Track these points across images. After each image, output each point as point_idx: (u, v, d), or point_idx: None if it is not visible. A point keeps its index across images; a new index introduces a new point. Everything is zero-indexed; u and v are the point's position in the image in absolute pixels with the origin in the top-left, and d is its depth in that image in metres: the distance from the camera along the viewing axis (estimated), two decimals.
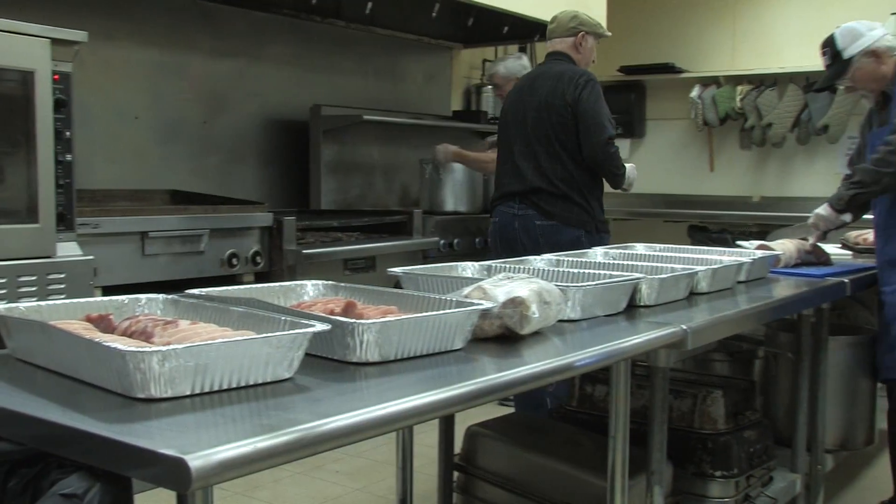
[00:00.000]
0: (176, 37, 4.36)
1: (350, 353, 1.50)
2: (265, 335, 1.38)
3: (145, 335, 1.43)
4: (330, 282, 1.95)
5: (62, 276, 2.81)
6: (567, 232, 3.51)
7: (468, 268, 2.29)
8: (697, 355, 3.17)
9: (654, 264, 2.50)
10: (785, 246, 3.17)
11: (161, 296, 1.72)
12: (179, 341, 1.34)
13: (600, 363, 1.74)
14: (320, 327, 1.43)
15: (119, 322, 1.53)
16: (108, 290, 2.80)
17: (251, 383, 1.35)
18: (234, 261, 3.64)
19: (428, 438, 2.95)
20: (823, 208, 3.13)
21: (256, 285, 1.98)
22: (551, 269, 2.26)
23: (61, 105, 2.80)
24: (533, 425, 2.81)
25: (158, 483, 1.03)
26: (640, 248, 2.98)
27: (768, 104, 6.61)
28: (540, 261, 2.53)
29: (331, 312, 1.65)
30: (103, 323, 1.54)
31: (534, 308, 1.72)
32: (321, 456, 3.74)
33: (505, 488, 2.53)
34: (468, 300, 1.71)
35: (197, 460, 1.00)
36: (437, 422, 2.67)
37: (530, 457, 2.53)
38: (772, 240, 3.34)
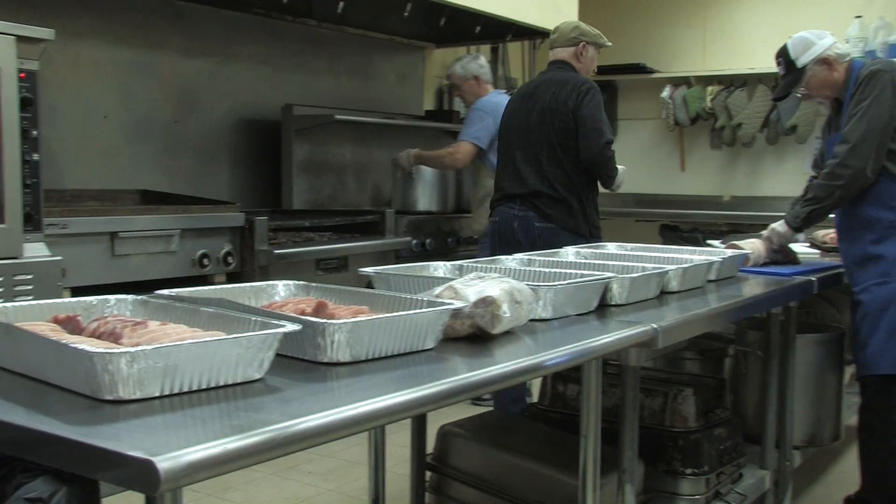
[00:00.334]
0: (146, 35, 4.32)
1: (321, 354, 1.50)
2: (235, 336, 1.37)
3: (114, 336, 1.42)
4: (301, 282, 1.94)
5: (29, 277, 2.78)
6: (564, 236, 3.58)
7: (440, 267, 2.29)
8: (668, 354, 3.19)
9: (626, 263, 2.51)
10: (754, 245, 3.20)
11: (130, 297, 1.71)
12: (148, 342, 1.33)
13: (571, 362, 1.75)
14: (291, 327, 1.42)
15: (87, 323, 1.52)
16: (78, 291, 2.78)
17: (221, 384, 1.34)
18: (206, 261, 3.62)
19: (400, 438, 2.95)
20: (780, 224, 3.16)
21: (227, 286, 1.97)
22: (523, 269, 2.27)
23: (28, 104, 2.77)
24: (505, 425, 2.82)
25: (126, 486, 1.02)
26: (612, 248, 3.00)
27: (738, 104, 6.68)
28: (511, 260, 2.53)
29: (302, 313, 1.64)
30: (71, 324, 1.52)
31: (505, 307, 1.73)
32: (293, 457, 3.74)
33: (477, 488, 2.53)
34: (439, 300, 1.71)
35: (165, 462, 1.00)
36: (410, 422, 2.67)
37: (503, 456, 2.53)
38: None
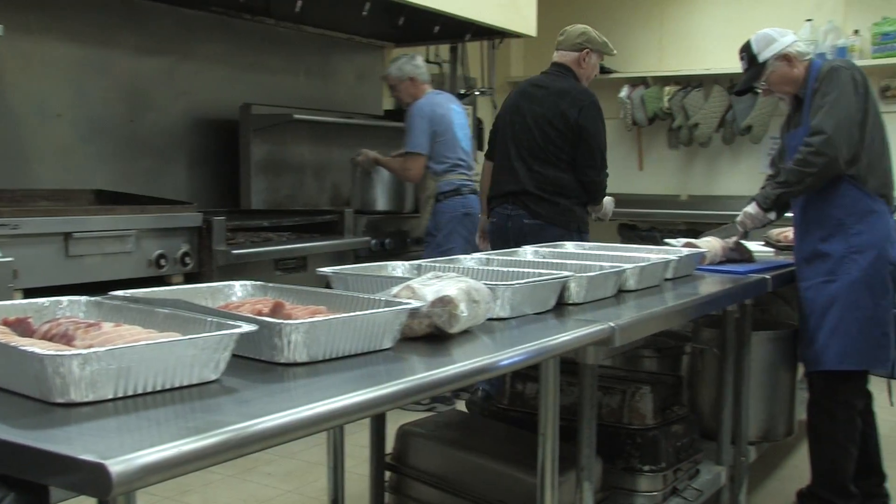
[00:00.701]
0: (99, 32, 4.26)
1: (278, 354, 1.49)
2: (190, 337, 1.36)
3: (66, 338, 1.40)
4: (258, 282, 1.93)
5: None
6: (551, 230, 3.73)
7: (398, 267, 2.29)
8: (626, 352, 3.22)
9: (583, 262, 2.53)
10: (710, 244, 3.24)
11: (84, 298, 1.68)
12: (102, 344, 1.31)
13: (529, 361, 1.76)
14: (247, 328, 1.41)
15: (38, 325, 1.49)
16: (31, 293, 2.73)
17: (177, 386, 1.33)
18: (163, 262, 3.57)
19: (360, 439, 2.95)
20: (752, 206, 3.22)
21: (183, 286, 1.95)
22: (481, 268, 2.27)
23: None
24: (464, 424, 2.83)
25: (78, 490, 1.00)
26: (570, 247, 3.02)
27: (695, 105, 6.76)
28: (470, 260, 2.54)
29: (259, 313, 1.63)
30: (21, 326, 1.49)
31: (462, 307, 1.73)
32: (252, 458, 3.72)
33: (437, 487, 2.53)
34: (397, 300, 1.71)
35: (118, 465, 0.98)
36: (369, 422, 2.67)
37: (462, 455, 2.54)
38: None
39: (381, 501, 2.68)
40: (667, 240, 3.47)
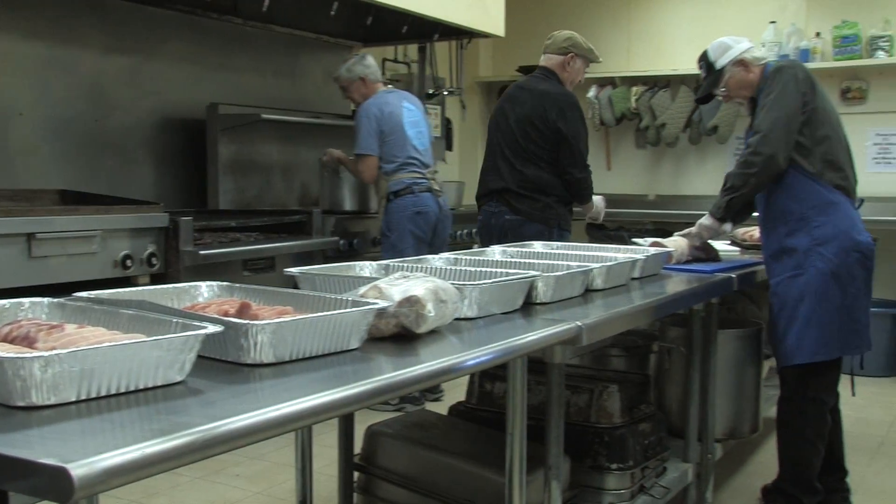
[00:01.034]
0: (63, 30, 4.21)
1: (244, 355, 1.48)
2: (155, 338, 1.35)
3: (28, 340, 1.38)
4: (225, 283, 1.92)
5: None
6: (530, 226, 3.96)
7: (365, 267, 2.29)
8: (594, 351, 3.24)
9: (551, 262, 2.54)
10: (677, 243, 3.27)
11: (46, 299, 1.66)
12: (64, 346, 1.29)
13: (496, 361, 1.76)
14: (213, 329, 1.40)
15: None
16: None
17: (141, 387, 1.32)
18: (129, 262, 3.54)
19: (329, 439, 2.93)
20: (706, 217, 3.26)
21: (149, 287, 1.93)
22: (448, 268, 2.28)
23: None
24: (433, 424, 2.83)
25: (38, 495, 0.99)
26: (538, 247, 3.03)
27: (662, 105, 6.81)
28: (438, 259, 2.54)
29: (225, 314, 1.62)
30: None
31: (430, 307, 1.73)
32: (220, 460, 3.70)
33: (406, 487, 2.53)
34: (364, 300, 1.71)
35: (80, 469, 0.97)
36: (337, 422, 2.66)
37: (430, 455, 2.54)
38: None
39: (350, 502, 2.67)
40: (634, 239, 3.50)
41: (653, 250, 3.01)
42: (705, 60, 3.27)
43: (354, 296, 1.74)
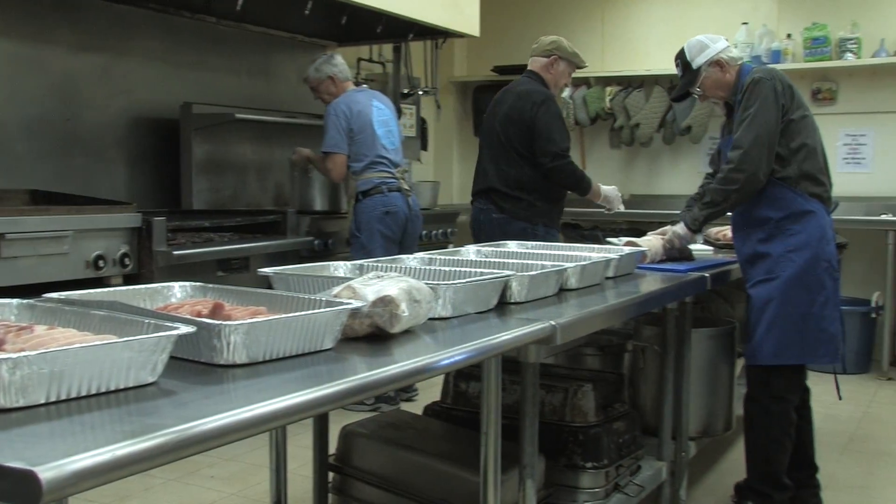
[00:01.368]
0: (32, 28, 4.16)
1: (217, 356, 1.48)
2: (127, 339, 1.33)
3: None
4: (198, 283, 1.90)
5: None
6: (515, 224, 4.08)
7: (340, 267, 2.28)
8: (569, 350, 3.26)
9: (525, 262, 2.54)
10: (651, 243, 3.29)
11: (15, 301, 1.64)
12: (33, 347, 1.28)
13: (471, 360, 1.76)
14: (185, 329, 1.39)
15: None
16: None
17: (112, 389, 1.31)
18: (101, 263, 3.50)
19: (304, 440, 2.92)
20: (680, 227, 3.28)
21: (121, 287, 1.91)
22: (423, 268, 2.28)
23: None
24: (408, 424, 2.82)
25: (6, 499, 0.97)
26: (513, 246, 3.04)
27: (636, 105, 6.85)
28: (412, 259, 2.54)
29: (198, 314, 1.61)
30: None
31: (404, 306, 1.73)
32: (194, 461, 3.67)
33: (381, 487, 2.53)
34: (337, 300, 1.70)
35: (48, 472, 0.96)
36: (312, 423, 2.65)
37: (405, 455, 2.54)
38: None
39: (325, 502, 2.67)
40: (609, 239, 3.51)
41: (627, 250, 3.03)
42: (682, 59, 3.26)
43: (328, 296, 1.74)
